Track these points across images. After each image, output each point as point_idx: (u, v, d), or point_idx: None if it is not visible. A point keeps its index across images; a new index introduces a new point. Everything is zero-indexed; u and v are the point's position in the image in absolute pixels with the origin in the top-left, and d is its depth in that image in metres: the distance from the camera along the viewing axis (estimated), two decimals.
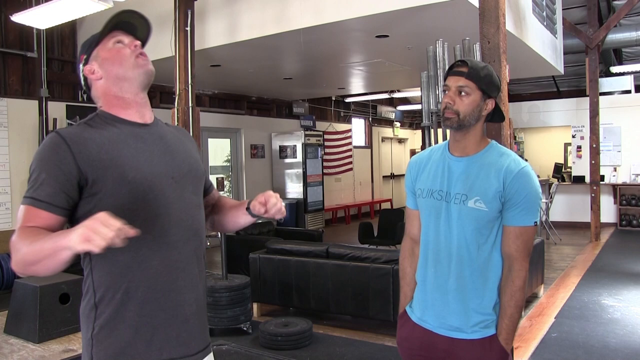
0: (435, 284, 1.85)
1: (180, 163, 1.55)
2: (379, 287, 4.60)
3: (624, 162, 10.87)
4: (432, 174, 1.89)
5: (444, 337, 1.83)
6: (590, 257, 7.93)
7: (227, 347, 4.38)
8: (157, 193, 1.44)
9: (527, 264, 1.78)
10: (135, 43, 1.55)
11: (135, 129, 1.51)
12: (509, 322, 1.77)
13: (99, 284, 1.43)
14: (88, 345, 1.44)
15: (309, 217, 11.08)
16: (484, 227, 1.77)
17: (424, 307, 1.90)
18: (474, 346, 1.79)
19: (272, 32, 5.73)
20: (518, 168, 1.76)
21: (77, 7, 4.84)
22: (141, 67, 1.52)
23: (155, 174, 1.47)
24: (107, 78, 1.52)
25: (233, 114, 10.53)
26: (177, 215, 1.48)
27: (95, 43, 1.54)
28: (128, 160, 1.43)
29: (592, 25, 9.29)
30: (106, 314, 1.42)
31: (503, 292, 1.79)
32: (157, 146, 1.52)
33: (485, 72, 1.80)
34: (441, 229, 1.83)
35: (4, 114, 6.84)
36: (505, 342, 1.79)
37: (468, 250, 1.78)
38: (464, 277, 1.80)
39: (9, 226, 6.86)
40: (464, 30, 4.91)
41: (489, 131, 3.37)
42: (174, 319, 1.48)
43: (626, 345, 4.29)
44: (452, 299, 1.81)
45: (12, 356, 4.33)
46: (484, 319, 1.80)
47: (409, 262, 2.02)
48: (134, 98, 1.53)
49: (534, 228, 1.78)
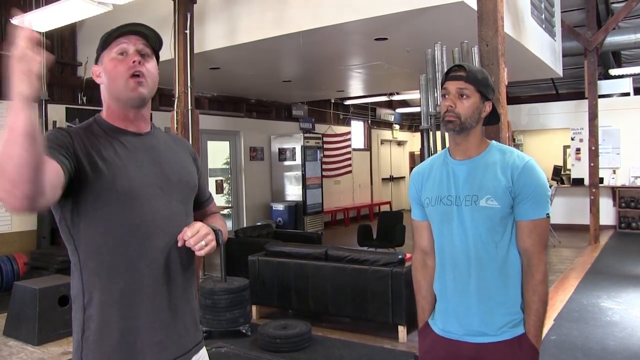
0: (456, 290, 1.83)
1: (169, 174, 1.57)
2: (377, 289, 4.61)
3: (623, 164, 10.88)
4: (438, 181, 1.89)
5: (470, 344, 1.80)
6: (589, 260, 7.93)
7: (226, 350, 4.38)
8: (143, 201, 1.47)
9: (544, 256, 1.77)
10: (135, 59, 1.49)
11: (129, 139, 1.53)
12: (536, 317, 1.76)
13: (87, 287, 1.45)
14: (78, 349, 1.47)
15: (308, 219, 11.07)
16: (498, 224, 1.77)
17: (446, 316, 1.87)
18: (503, 348, 1.77)
19: (272, 34, 5.74)
20: (523, 162, 1.78)
21: (77, 10, 4.86)
22: (131, 91, 1.49)
23: (143, 182, 1.49)
24: (106, 87, 1.53)
25: (232, 117, 10.54)
26: (163, 222, 1.50)
27: (101, 47, 1.53)
28: (119, 168, 1.45)
29: (590, 27, 9.30)
30: (94, 317, 1.44)
31: (525, 289, 1.78)
32: (148, 156, 1.55)
33: (482, 75, 1.85)
34: (455, 233, 1.82)
35: (3, 117, 6.83)
36: (535, 340, 1.77)
37: (486, 250, 1.78)
38: (485, 278, 1.78)
39: (8, 229, 6.86)
40: (463, 33, 4.91)
41: (488, 134, 3.37)
42: (158, 323, 1.49)
43: (625, 348, 4.29)
44: (474, 302, 1.79)
45: (11, 358, 4.33)
46: (512, 318, 1.78)
47: (422, 274, 2.01)
48: (126, 113, 1.54)
49: (546, 220, 1.79)
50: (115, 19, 1.78)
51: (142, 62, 1.51)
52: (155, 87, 1.56)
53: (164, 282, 1.50)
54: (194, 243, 1.46)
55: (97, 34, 1.54)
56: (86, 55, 7.66)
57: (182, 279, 1.56)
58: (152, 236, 1.48)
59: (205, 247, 1.48)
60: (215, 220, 1.75)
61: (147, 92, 1.52)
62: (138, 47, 1.51)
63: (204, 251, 1.48)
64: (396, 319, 4.55)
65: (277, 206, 10.90)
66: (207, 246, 1.48)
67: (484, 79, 1.84)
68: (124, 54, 1.50)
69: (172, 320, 1.52)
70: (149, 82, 1.52)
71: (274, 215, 10.83)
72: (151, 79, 1.53)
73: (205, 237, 1.48)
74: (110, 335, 1.43)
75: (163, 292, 1.50)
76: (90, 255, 1.44)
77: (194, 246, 1.47)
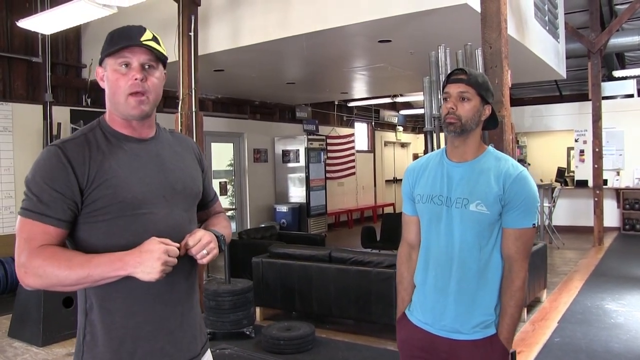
0: (436, 287, 1.89)
1: (173, 182, 1.55)
2: (381, 291, 4.61)
3: (627, 166, 10.86)
4: (431, 180, 1.93)
5: (444, 339, 1.87)
6: (593, 262, 7.91)
7: (230, 351, 4.39)
8: (146, 211, 1.46)
9: (526, 264, 1.83)
10: (136, 76, 1.44)
11: (133, 145, 1.51)
12: (510, 321, 1.82)
13: (89, 293, 1.45)
14: (79, 352, 1.47)
15: (311, 221, 11.09)
16: (485, 229, 1.82)
17: (423, 309, 1.93)
18: (475, 347, 1.83)
19: (275, 37, 5.76)
20: (517, 172, 1.82)
21: (82, 13, 4.88)
22: (132, 109, 1.47)
23: (146, 193, 1.47)
24: (107, 95, 1.51)
25: (236, 119, 10.56)
26: (166, 230, 1.48)
27: (106, 51, 1.47)
28: (122, 181, 1.44)
29: (594, 29, 9.29)
30: (95, 322, 1.45)
31: (503, 293, 1.83)
32: (152, 164, 1.52)
33: (482, 79, 1.89)
34: (442, 233, 1.87)
35: (9, 119, 6.87)
36: (506, 342, 1.83)
37: (470, 252, 1.83)
38: (466, 279, 1.83)
39: (13, 229, 6.87)
40: (466, 36, 4.92)
41: (491, 135, 3.38)
42: (159, 331, 1.49)
43: (629, 350, 4.28)
44: (452, 301, 1.85)
45: (15, 359, 4.35)
46: (485, 319, 1.84)
47: (406, 267, 2.06)
48: (129, 122, 1.52)
49: (532, 230, 1.84)
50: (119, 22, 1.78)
51: (146, 77, 1.46)
52: (160, 96, 1.53)
53: (166, 290, 1.49)
54: (195, 252, 1.47)
55: (102, 36, 1.53)
56: (91, 57, 7.69)
57: (185, 286, 1.56)
58: None
59: (207, 256, 1.49)
60: (220, 221, 1.74)
61: (148, 109, 1.49)
62: (142, 60, 1.46)
63: (206, 260, 1.50)
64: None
65: (280, 208, 10.91)
66: (209, 255, 1.49)
67: (485, 82, 1.89)
68: (127, 65, 1.45)
69: (176, 327, 1.52)
70: (151, 99, 1.48)
71: (278, 217, 10.84)
72: (154, 93, 1.49)
73: (207, 246, 1.48)
74: (110, 342, 1.44)
75: (166, 300, 1.50)
76: None
77: (195, 255, 1.48)
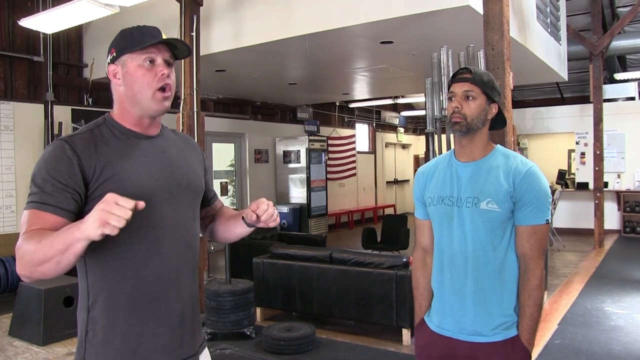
0: (453, 289, 1.86)
1: (179, 178, 1.56)
2: (382, 292, 4.61)
3: (628, 168, 10.85)
4: (441, 181, 1.92)
5: (464, 343, 1.84)
6: (593, 264, 7.91)
7: (230, 351, 4.39)
8: (152, 206, 1.45)
9: (542, 262, 1.80)
10: (164, 71, 1.48)
11: (140, 141, 1.53)
12: (530, 321, 1.79)
13: (92, 290, 1.45)
14: (81, 348, 1.47)
15: (312, 222, 11.09)
16: (497, 227, 1.80)
17: (442, 314, 1.91)
18: (496, 349, 1.80)
19: (277, 37, 5.76)
20: (526, 168, 1.80)
21: (84, 12, 4.88)
22: (157, 104, 1.49)
23: (153, 188, 1.48)
24: (125, 92, 1.50)
25: (237, 119, 10.57)
26: (171, 227, 1.49)
27: (128, 49, 1.48)
28: (129, 175, 1.44)
29: (596, 32, 9.30)
30: (98, 319, 1.45)
31: (521, 292, 1.80)
32: (159, 160, 1.54)
33: (487, 78, 1.88)
34: (455, 233, 1.85)
35: (10, 118, 6.88)
36: (527, 342, 1.80)
37: (484, 252, 1.80)
38: (481, 279, 1.81)
39: (14, 229, 6.89)
40: (469, 37, 4.93)
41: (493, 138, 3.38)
42: (162, 329, 1.49)
43: (629, 353, 4.28)
44: (470, 302, 1.82)
45: (16, 358, 4.35)
46: (505, 320, 1.81)
47: (421, 272, 2.04)
48: (142, 119, 1.53)
49: (546, 226, 1.81)
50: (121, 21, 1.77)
51: (169, 73, 1.51)
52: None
53: (170, 287, 1.50)
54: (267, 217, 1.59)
55: (104, 35, 1.54)
56: (92, 57, 7.69)
57: (188, 283, 1.56)
58: (161, 243, 1.48)
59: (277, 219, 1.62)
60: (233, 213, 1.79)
61: (169, 105, 1.53)
62: (165, 57, 1.50)
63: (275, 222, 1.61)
64: (400, 322, 4.55)
65: (281, 208, 10.91)
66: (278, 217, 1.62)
67: (490, 81, 1.87)
68: (152, 62, 1.48)
69: (178, 325, 1.52)
70: (172, 95, 1.53)
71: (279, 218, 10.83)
72: (174, 90, 1.54)
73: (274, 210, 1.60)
74: (113, 339, 1.44)
75: (169, 298, 1.50)
76: (97, 259, 1.44)
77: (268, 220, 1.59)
